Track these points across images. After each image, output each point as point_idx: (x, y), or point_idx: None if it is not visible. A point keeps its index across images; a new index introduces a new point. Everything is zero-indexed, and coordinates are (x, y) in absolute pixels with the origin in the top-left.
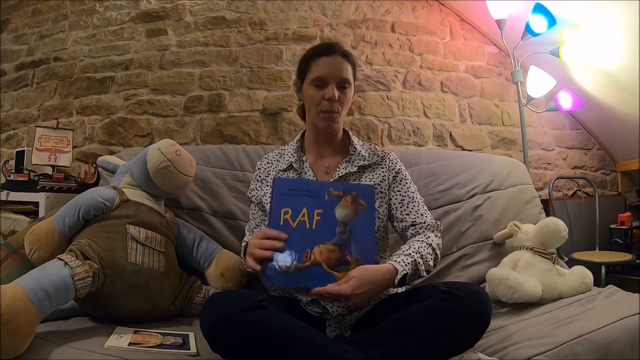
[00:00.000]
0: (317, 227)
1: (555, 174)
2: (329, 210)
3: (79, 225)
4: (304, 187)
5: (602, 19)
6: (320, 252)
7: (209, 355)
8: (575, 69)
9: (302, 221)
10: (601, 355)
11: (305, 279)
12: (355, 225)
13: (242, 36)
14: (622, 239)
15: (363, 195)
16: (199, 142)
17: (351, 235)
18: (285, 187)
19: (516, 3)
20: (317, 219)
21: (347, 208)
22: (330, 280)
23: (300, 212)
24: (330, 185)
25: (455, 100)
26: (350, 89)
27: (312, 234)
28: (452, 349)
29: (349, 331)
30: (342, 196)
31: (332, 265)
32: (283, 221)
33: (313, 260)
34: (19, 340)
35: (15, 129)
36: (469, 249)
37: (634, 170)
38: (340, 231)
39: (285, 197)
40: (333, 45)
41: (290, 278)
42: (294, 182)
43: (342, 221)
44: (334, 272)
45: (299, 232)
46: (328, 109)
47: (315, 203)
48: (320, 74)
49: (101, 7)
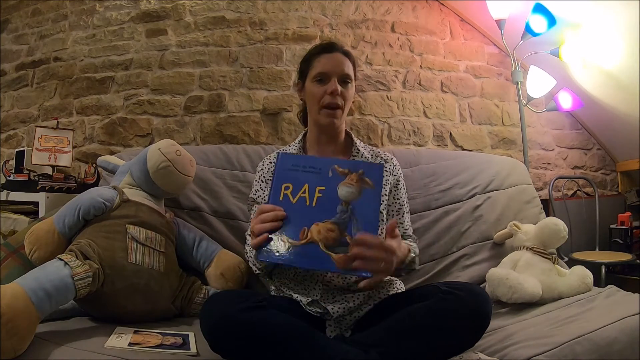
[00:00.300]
0: (317, 204)
1: (555, 174)
2: (332, 187)
3: (79, 225)
4: (308, 163)
5: (602, 19)
6: (319, 231)
7: (209, 355)
8: (575, 69)
9: (302, 197)
10: (601, 355)
11: (299, 257)
12: (358, 204)
13: (242, 36)
14: (622, 239)
15: (370, 173)
16: (199, 142)
17: (353, 215)
18: (289, 162)
19: (516, 3)
20: (318, 196)
21: (351, 186)
22: (326, 261)
23: (301, 188)
24: (336, 162)
25: (455, 100)
26: (352, 86)
27: (312, 211)
28: (452, 348)
29: (349, 331)
30: (347, 174)
31: (329, 245)
32: (283, 196)
33: (309, 239)
34: (19, 340)
35: (15, 129)
36: (469, 249)
37: (634, 170)
38: (342, 210)
39: (288, 172)
40: (333, 43)
41: (283, 256)
42: (299, 158)
43: (345, 200)
44: (331, 253)
45: (298, 209)
46: (331, 102)
47: (318, 179)
48: (322, 69)
49: (101, 7)
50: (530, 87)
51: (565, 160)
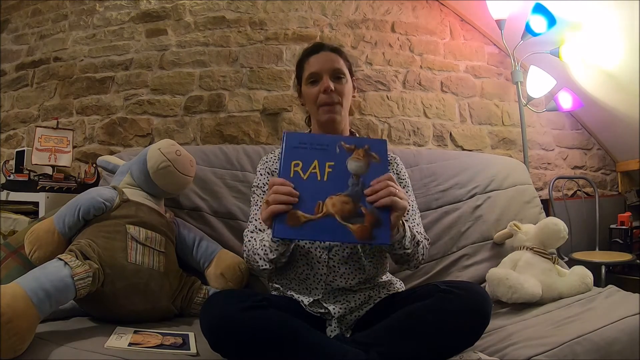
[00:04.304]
0: (328, 178)
1: (555, 174)
2: (341, 163)
3: (79, 225)
4: (315, 141)
5: (602, 19)
6: (333, 204)
7: (209, 355)
8: (575, 69)
9: (313, 173)
10: (601, 355)
11: (317, 231)
12: (368, 178)
13: (242, 36)
14: (622, 239)
15: (375, 148)
16: (199, 142)
17: (364, 187)
18: (296, 140)
19: (516, 3)
20: (328, 171)
21: (359, 160)
22: (344, 232)
23: (311, 165)
24: (342, 139)
25: (455, 100)
26: (346, 80)
27: (324, 185)
28: (452, 348)
29: (349, 331)
30: (353, 149)
31: (345, 216)
32: (293, 173)
33: (325, 212)
34: (18, 340)
35: (15, 129)
36: (469, 249)
37: (634, 170)
38: (353, 183)
39: (296, 150)
40: (320, 43)
41: (299, 230)
42: (305, 136)
43: (355, 173)
44: (348, 224)
45: (310, 184)
46: (326, 100)
47: (326, 156)
48: (312, 69)
49: (101, 7)
50: (530, 87)
51: (565, 160)
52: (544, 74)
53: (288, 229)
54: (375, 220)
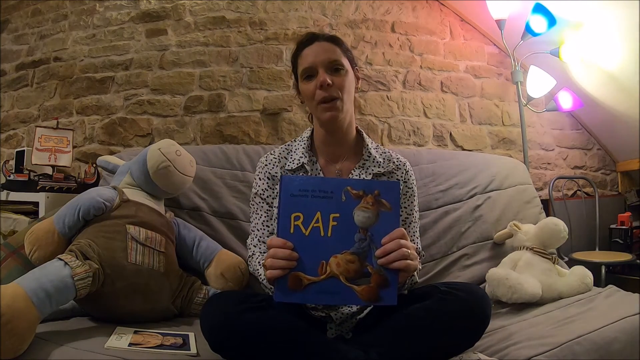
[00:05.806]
0: (333, 234)
1: (555, 174)
2: (347, 214)
3: (78, 225)
4: (317, 187)
5: (603, 19)
6: (338, 264)
7: (209, 356)
8: (575, 69)
9: (315, 228)
10: (601, 355)
11: (320, 294)
12: (377, 230)
13: (242, 36)
14: (622, 239)
15: (386, 193)
16: (199, 142)
17: (372, 242)
18: (296, 187)
19: (516, 3)
20: (332, 225)
21: (367, 210)
22: (349, 294)
23: (313, 217)
24: (348, 184)
25: (455, 100)
26: (346, 72)
27: (328, 242)
28: (451, 348)
29: (350, 333)
30: (362, 196)
31: (350, 278)
32: (294, 228)
33: (329, 273)
34: (19, 340)
35: (15, 129)
36: (469, 249)
37: (634, 170)
38: (360, 238)
39: (295, 199)
40: (313, 33)
41: (301, 294)
42: (306, 181)
43: (362, 226)
44: (353, 286)
45: (313, 241)
46: (324, 96)
47: (330, 205)
48: (306, 64)
49: (101, 7)
50: (530, 87)
51: (565, 160)
52: (544, 74)
53: (289, 293)
54: (382, 280)
